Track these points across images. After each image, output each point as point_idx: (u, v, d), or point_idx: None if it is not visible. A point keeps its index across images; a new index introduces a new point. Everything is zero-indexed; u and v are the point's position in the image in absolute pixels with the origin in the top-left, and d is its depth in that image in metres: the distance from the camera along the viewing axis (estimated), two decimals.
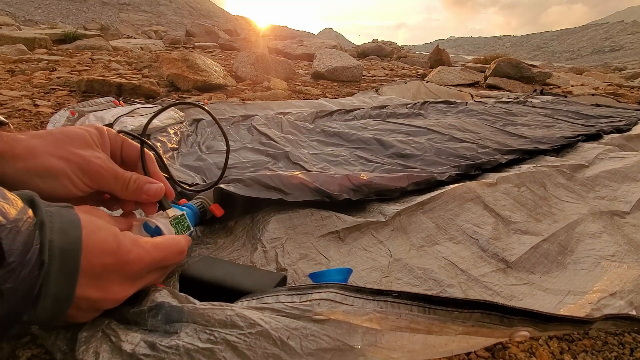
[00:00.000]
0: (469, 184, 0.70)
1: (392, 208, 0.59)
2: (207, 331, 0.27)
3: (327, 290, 0.29)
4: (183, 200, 0.51)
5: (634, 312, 0.39)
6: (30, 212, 0.25)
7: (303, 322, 0.27)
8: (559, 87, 3.33)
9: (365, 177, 0.64)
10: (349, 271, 0.41)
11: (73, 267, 0.26)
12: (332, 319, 0.27)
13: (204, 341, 0.26)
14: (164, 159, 0.49)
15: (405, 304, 0.27)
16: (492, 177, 0.76)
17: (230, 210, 0.54)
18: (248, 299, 0.31)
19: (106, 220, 0.34)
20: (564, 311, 0.40)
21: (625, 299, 0.41)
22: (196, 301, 0.31)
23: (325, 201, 0.57)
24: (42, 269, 0.24)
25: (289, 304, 0.29)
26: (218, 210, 0.51)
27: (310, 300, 0.28)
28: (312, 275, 0.40)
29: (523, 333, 0.28)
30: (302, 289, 0.30)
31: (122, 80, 1.62)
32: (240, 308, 0.29)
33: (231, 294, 0.34)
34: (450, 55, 6.16)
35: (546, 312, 0.29)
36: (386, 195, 0.64)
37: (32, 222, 0.24)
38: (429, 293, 0.29)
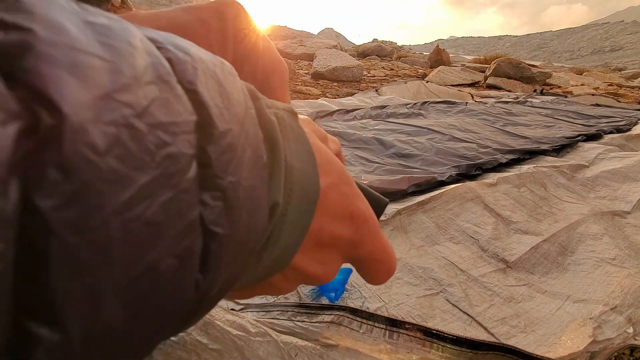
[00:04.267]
0: (469, 183, 0.70)
1: (392, 207, 0.59)
2: (217, 330, 0.27)
3: (338, 313, 0.28)
4: None
5: (631, 330, 0.39)
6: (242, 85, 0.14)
7: (312, 343, 0.27)
8: (559, 87, 3.33)
9: (365, 181, 0.64)
10: (348, 271, 0.41)
11: (310, 206, 0.16)
12: (341, 345, 0.27)
13: (212, 339, 0.26)
14: None
15: (418, 338, 0.27)
16: (492, 177, 0.76)
17: None
18: (257, 310, 0.30)
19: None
20: (564, 327, 0.40)
21: (624, 314, 0.41)
22: None
23: None
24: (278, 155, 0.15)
25: (298, 323, 0.28)
26: None
27: (320, 322, 0.28)
28: None
29: None
30: (313, 307, 0.29)
31: None
32: (252, 318, 0.28)
33: None
34: (451, 55, 6.16)
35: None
36: (387, 197, 0.64)
37: (234, 73, 0.14)
38: (446, 331, 0.28)
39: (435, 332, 0.27)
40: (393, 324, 0.27)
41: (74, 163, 0.08)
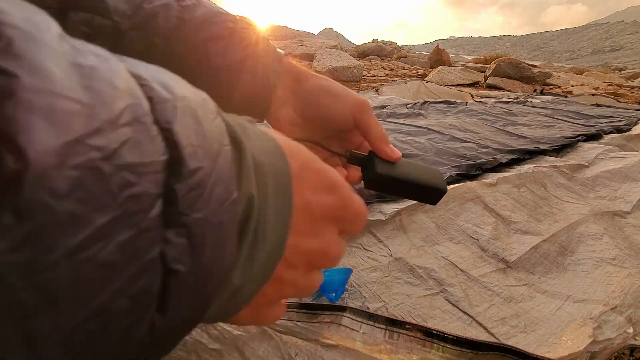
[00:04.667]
0: (469, 184, 0.70)
1: (392, 207, 0.59)
2: (217, 329, 0.27)
3: (338, 313, 0.28)
4: None
5: (631, 330, 0.39)
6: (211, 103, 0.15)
7: (312, 343, 0.27)
8: (559, 87, 3.33)
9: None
10: (349, 271, 0.41)
11: (287, 199, 0.17)
12: (341, 345, 0.27)
13: (213, 339, 0.26)
14: None
15: (418, 338, 0.27)
16: (492, 177, 0.76)
17: None
18: None
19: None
20: (564, 326, 0.40)
21: (624, 315, 0.41)
22: None
23: None
24: (266, 188, 0.15)
25: (298, 323, 0.28)
26: None
27: (320, 322, 0.28)
28: None
29: None
30: (313, 307, 0.29)
31: None
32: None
33: (415, 189, 0.41)
34: (450, 55, 6.16)
35: None
36: (387, 197, 0.64)
37: (215, 111, 0.14)
38: (447, 331, 0.28)
39: (435, 332, 0.27)
40: (393, 324, 0.27)
41: (30, 207, 0.08)
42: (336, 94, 0.39)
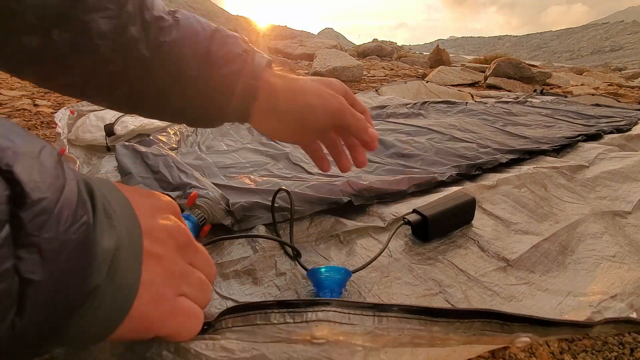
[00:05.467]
0: (468, 187, 0.70)
1: (391, 212, 0.59)
2: (195, 357, 0.25)
3: (324, 309, 0.27)
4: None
5: (634, 315, 0.39)
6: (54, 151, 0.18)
7: (302, 344, 0.26)
8: (559, 87, 3.33)
9: (365, 182, 0.64)
10: (347, 272, 0.41)
11: (133, 217, 0.21)
12: (332, 340, 0.26)
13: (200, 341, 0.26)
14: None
15: (407, 318, 0.27)
16: (492, 177, 0.76)
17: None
18: (233, 316, 0.27)
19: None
20: (563, 314, 0.40)
21: (625, 302, 0.41)
22: None
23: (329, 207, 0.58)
24: (96, 213, 0.18)
25: (283, 327, 0.26)
26: (203, 232, 0.50)
27: (306, 321, 0.26)
28: (310, 273, 0.40)
29: (524, 339, 0.28)
30: (295, 305, 0.27)
31: None
32: (230, 332, 0.26)
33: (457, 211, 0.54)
34: (451, 55, 6.15)
35: (546, 317, 0.29)
36: (387, 198, 0.64)
37: (56, 154, 0.18)
38: (432, 306, 0.28)
39: (421, 308, 0.27)
40: (380, 309, 0.27)
41: None
42: (313, 110, 0.43)
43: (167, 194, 0.31)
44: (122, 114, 1.02)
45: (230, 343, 0.25)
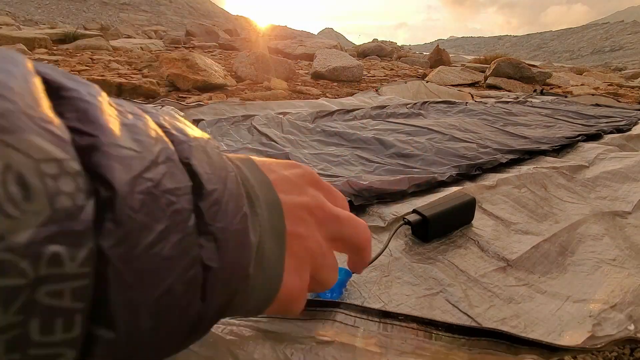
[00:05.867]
0: (468, 187, 0.70)
1: (391, 212, 0.59)
2: (210, 337, 0.27)
3: (332, 309, 0.28)
4: None
5: (632, 327, 0.39)
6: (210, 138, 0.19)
7: (308, 340, 0.26)
8: (559, 87, 3.33)
9: (365, 182, 0.64)
10: (348, 273, 0.41)
11: (279, 214, 0.21)
12: (337, 341, 0.27)
13: (205, 346, 0.26)
14: None
15: (412, 328, 0.27)
16: (492, 178, 0.76)
17: None
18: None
19: None
20: (563, 322, 0.40)
21: (624, 312, 0.41)
22: None
23: None
24: (252, 204, 0.19)
25: (292, 322, 0.27)
26: None
27: (313, 319, 0.27)
28: None
29: None
30: (306, 304, 0.29)
31: (122, 80, 1.62)
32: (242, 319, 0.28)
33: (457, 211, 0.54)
34: (451, 55, 6.15)
35: (555, 343, 0.29)
36: (387, 198, 0.64)
37: (217, 146, 0.19)
38: (438, 319, 0.28)
39: (428, 320, 0.27)
40: (386, 316, 0.27)
41: (121, 218, 0.12)
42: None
43: None
44: None
45: (239, 327, 0.26)
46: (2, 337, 0.09)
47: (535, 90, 2.60)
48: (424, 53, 7.77)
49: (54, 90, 0.12)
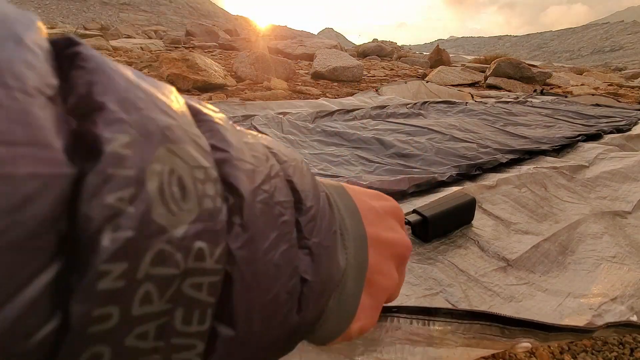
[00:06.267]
0: (468, 187, 0.69)
1: None
2: None
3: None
4: None
5: (634, 318, 0.39)
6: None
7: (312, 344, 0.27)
8: (559, 87, 3.33)
9: (365, 182, 0.64)
10: None
11: (363, 244, 0.21)
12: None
13: None
14: None
15: (405, 317, 0.27)
16: (492, 178, 0.76)
17: None
18: None
19: None
20: (564, 316, 0.40)
21: (625, 304, 0.41)
22: None
23: None
24: (343, 237, 0.19)
25: None
26: None
27: None
28: None
29: (524, 344, 0.28)
30: None
31: None
32: None
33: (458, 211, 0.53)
34: (451, 55, 6.15)
35: (547, 322, 0.29)
36: None
37: (309, 168, 0.19)
38: (431, 306, 0.28)
39: (419, 308, 0.27)
40: (382, 310, 0.27)
41: (248, 222, 0.13)
42: None
43: None
44: None
45: None
46: (153, 323, 0.10)
47: (535, 90, 2.60)
48: (424, 53, 7.77)
49: (193, 114, 0.14)
